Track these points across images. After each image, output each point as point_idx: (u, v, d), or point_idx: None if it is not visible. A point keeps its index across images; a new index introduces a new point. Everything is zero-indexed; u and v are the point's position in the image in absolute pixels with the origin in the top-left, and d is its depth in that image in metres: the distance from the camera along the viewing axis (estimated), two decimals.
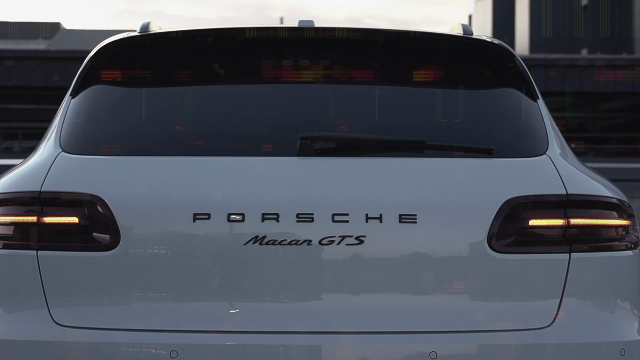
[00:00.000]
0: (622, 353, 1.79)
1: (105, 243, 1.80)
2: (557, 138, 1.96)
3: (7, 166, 4.67)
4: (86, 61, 2.08)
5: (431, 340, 1.74)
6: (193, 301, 1.77)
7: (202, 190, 1.79)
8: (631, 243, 1.88)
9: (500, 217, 1.78)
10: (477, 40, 2.07)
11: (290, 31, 2.00)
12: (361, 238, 1.77)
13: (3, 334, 1.79)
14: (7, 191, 1.84)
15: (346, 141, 1.84)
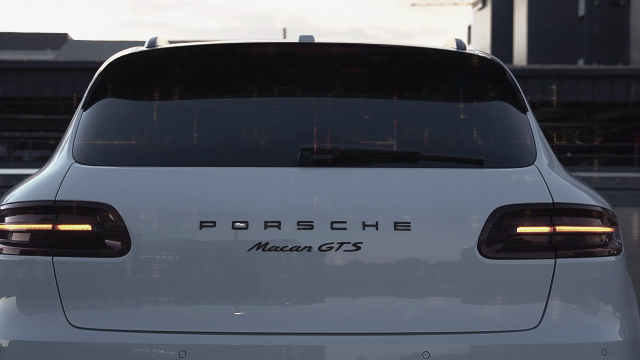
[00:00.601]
0: (604, 353, 1.88)
1: (117, 249, 1.88)
2: (545, 149, 2.03)
3: (19, 175, 4.76)
4: (97, 75, 2.16)
5: (424, 341, 1.82)
6: (200, 304, 1.85)
7: (207, 199, 1.87)
8: (614, 249, 1.96)
9: (490, 224, 1.87)
10: (470, 55, 2.14)
11: (291, 46, 2.09)
12: (358, 244, 1.85)
13: (21, 335, 1.88)
14: (23, 200, 1.92)
15: (344, 152, 1.92)
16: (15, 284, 1.92)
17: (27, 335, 1.87)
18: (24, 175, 4.52)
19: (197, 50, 2.16)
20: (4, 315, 1.91)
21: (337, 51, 2.10)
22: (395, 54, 2.13)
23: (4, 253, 1.93)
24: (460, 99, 2.07)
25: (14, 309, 1.91)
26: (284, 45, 2.10)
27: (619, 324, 1.94)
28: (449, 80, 2.12)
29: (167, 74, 2.13)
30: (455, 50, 2.17)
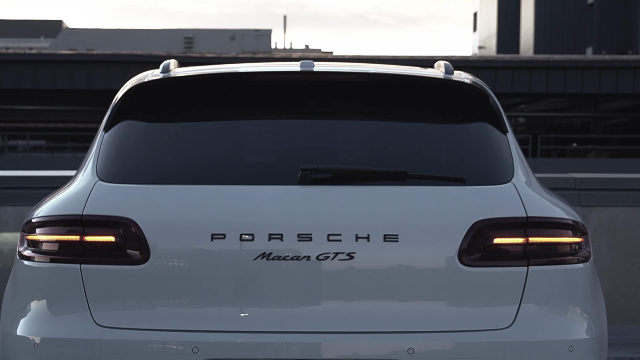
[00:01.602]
0: (571, 349, 2.12)
1: (137, 258, 2.13)
2: (522, 167, 2.25)
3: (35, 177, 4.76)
4: (117, 99, 2.38)
5: (410, 338, 2.07)
6: (210, 306, 2.10)
7: (218, 214, 2.12)
8: (583, 257, 2.19)
9: (469, 236, 2.11)
10: (456, 82, 2.34)
11: (293, 74, 2.32)
12: (352, 254, 2.10)
13: (52, 333, 2.13)
14: (52, 214, 2.17)
15: (340, 172, 2.17)
16: (45, 288, 2.17)
17: (58, 333, 2.12)
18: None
19: (207, 77, 2.39)
20: (36, 315, 2.16)
21: (334, 79, 2.33)
22: (387, 81, 2.35)
23: (35, 261, 2.18)
24: (446, 121, 2.31)
25: (45, 310, 2.16)
26: (287, 73, 2.34)
27: (586, 324, 2.17)
28: (436, 105, 2.33)
29: (180, 99, 2.37)
30: (442, 76, 2.36)
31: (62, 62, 16.46)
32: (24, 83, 16.42)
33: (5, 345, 2.21)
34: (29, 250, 2.20)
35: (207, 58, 16.95)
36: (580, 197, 4.88)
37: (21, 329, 2.17)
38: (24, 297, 2.20)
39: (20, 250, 2.23)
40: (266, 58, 17.25)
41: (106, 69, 16.41)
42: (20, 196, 4.82)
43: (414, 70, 2.43)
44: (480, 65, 16.32)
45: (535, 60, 16.62)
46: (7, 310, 2.24)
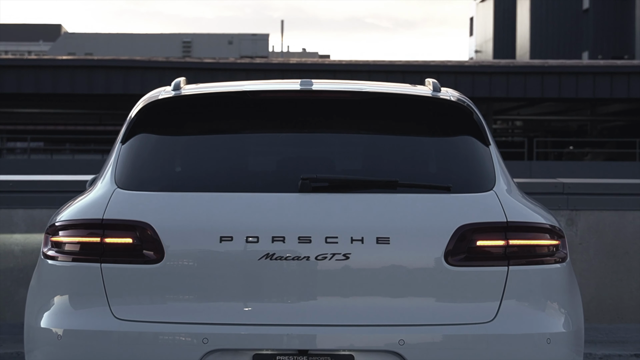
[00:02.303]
0: (549, 342, 2.30)
1: (152, 258, 2.33)
2: (503, 176, 2.46)
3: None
4: (132, 115, 2.60)
5: (400, 331, 2.26)
6: (219, 301, 2.30)
7: (226, 218, 2.32)
8: (560, 258, 2.39)
9: (454, 239, 2.31)
10: (443, 99, 2.55)
11: (293, 93, 2.53)
12: (347, 255, 2.29)
13: (74, 325, 2.33)
14: (75, 218, 2.38)
15: (337, 181, 2.37)
16: (68, 285, 2.37)
17: (79, 325, 2.33)
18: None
19: (215, 95, 2.60)
20: (59, 309, 2.36)
21: (331, 97, 2.53)
22: (379, 99, 2.56)
23: (59, 260, 2.39)
24: (433, 134, 2.53)
25: (67, 305, 2.36)
26: (288, 92, 2.54)
27: (563, 318, 2.36)
28: (424, 120, 2.55)
29: (190, 115, 2.58)
30: (430, 94, 2.57)
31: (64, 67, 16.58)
32: (26, 87, 16.54)
33: (30, 337, 2.40)
34: (52, 251, 2.40)
35: (206, 63, 17.07)
36: (569, 201, 5.06)
37: (45, 322, 2.36)
38: (47, 293, 2.40)
39: (45, 251, 2.43)
40: (264, 63, 17.38)
41: (106, 73, 16.54)
42: (30, 199, 4.97)
43: (404, 88, 2.65)
44: (476, 70, 16.49)
45: (530, 65, 16.80)
46: (32, 305, 2.43)
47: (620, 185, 5.13)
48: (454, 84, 16.47)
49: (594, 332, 5.11)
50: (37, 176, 5.29)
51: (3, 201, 4.95)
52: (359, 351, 2.24)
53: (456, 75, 16.49)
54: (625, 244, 5.12)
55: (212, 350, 2.25)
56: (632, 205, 5.07)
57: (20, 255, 4.97)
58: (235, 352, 2.25)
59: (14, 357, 4.61)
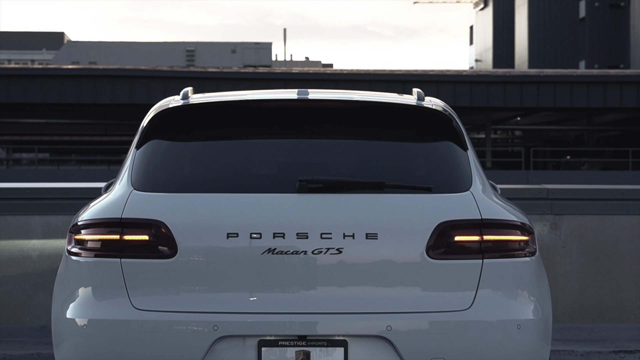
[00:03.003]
0: (519, 327, 2.56)
1: (167, 253, 2.56)
2: (479, 178, 2.71)
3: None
4: (145, 123, 2.84)
5: (387, 318, 2.52)
6: (227, 292, 2.55)
7: (232, 217, 2.56)
8: (530, 252, 2.64)
9: (435, 235, 2.56)
10: (426, 108, 2.82)
11: (291, 102, 2.79)
12: (340, 249, 2.55)
13: (97, 315, 2.57)
14: (96, 217, 2.62)
15: (330, 182, 2.62)
16: (90, 279, 2.61)
17: (102, 315, 2.56)
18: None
19: (220, 103, 2.85)
20: (83, 301, 2.60)
21: (325, 105, 2.80)
22: (369, 107, 2.83)
23: (82, 256, 2.62)
24: (417, 140, 2.80)
25: (90, 297, 2.60)
26: (286, 100, 2.81)
27: (532, 306, 2.61)
28: (409, 127, 2.82)
29: (198, 122, 2.82)
30: (415, 103, 2.84)
31: (70, 76, 16.84)
32: (32, 97, 16.79)
33: (57, 328, 2.65)
34: (76, 248, 2.63)
35: (210, 73, 17.36)
36: (552, 206, 5.36)
37: (70, 313, 2.59)
38: (71, 287, 2.63)
39: (69, 248, 2.66)
40: (267, 73, 17.68)
41: (112, 83, 16.82)
42: (47, 206, 5.25)
43: (392, 97, 2.90)
44: (474, 80, 16.77)
45: (527, 75, 17.06)
46: (58, 299, 2.68)
47: (600, 190, 5.44)
48: (452, 93, 16.76)
49: (577, 331, 5.38)
50: (52, 184, 5.54)
51: (20, 208, 5.20)
52: (352, 336, 2.51)
53: (455, 85, 16.76)
54: (605, 246, 5.41)
55: (222, 336, 2.49)
56: (611, 209, 5.36)
57: (37, 260, 5.18)
58: (243, 338, 2.50)
59: (35, 358, 4.87)
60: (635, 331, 5.34)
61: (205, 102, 2.83)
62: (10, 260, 5.22)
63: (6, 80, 16.85)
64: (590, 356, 4.96)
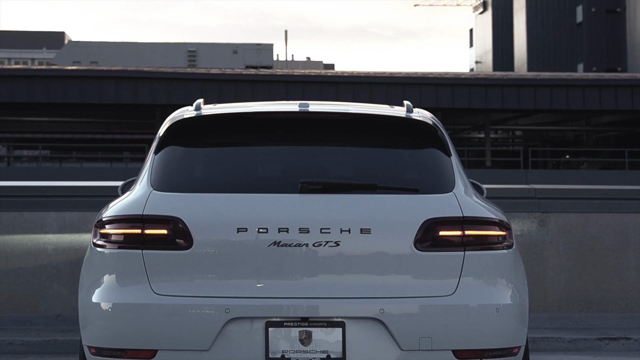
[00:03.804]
0: (497, 311, 2.86)
1: (183, 246, 2.86)
2: (462, 180, 3.03)
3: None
4: (161, 131, 3.17)
5: (380, 302, 2.82)
6: (237, 279, 2.84)
7: (242, 214, 2.87)
8: (507, 245, 2.95)
9: (422, 230, 2.87)
10: (414, 119, 3.15)
11: (293, 114, 3.11)
12: (338, 242, 2.84)
13: (121, 300, 2.86)
14: (120, 214, 2.93)
15: (329, 184, 2.93)
16: (115, 268, 2.90)
17: (125, 300, 2.85)
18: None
19: (229, 114, 3.17)
20: (108, 287, 2.89)
21: (324, 117, 3.13)
22: (363, 118, 3.16)
23: (106, 248, 2.92)
24: (406, 147, 3.13)
25: (115, 284, 2.89)
26: (289, 112, 3.15)
27: (510, 292, 2.91)
28: (398, 136, 3.15)
29: (210, 131, 3.15)
30: (404, 115, 3.17)
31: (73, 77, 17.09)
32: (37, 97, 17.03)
33: (84, 312, 2.94)
34: (101, 241, 2.92)
35: (212, 74, 17.63)
36: (540, 204, 5.67)
37: (96, 298, 2.87)
38: (97, 275, 2.91)
39: (94, 241, 2.96)
40: (269, 74, 17.95)
41: (116, 84, 17.08)
42: (62, 203, 5.54)
43: (384, 109, 3.23)
44: (472, 82, 17.05)
45: (524, 78, 17.34)
46: (84, 286, 2.97)
47: (585, 190, 5.75)
48: (451, 95, 17.04)
49: (565, 320, 5.67)
50: (68, 182, 5.84)
51: (37, 205, 5.49)
52: (349, 318, 2.79)
53: (453, 87, 17.02)
54: (590, 242, 5.71)
55: (233, 318, 2.77)
56: (595, 208, 5.67)
57: (53, 253, 5.49)
58: (252, 319, 2.79)
59: (51, 344, 5.16)
60: (619, 320, 5.64)
61: (216, 114, 3.15)
62: (27, 254, 5.52)
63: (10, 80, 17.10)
64: (577, 343, 5.25)
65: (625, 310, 5.77)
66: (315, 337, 2.80)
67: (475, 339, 2.82)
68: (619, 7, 29.04)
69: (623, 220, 5.70)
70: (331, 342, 2.79)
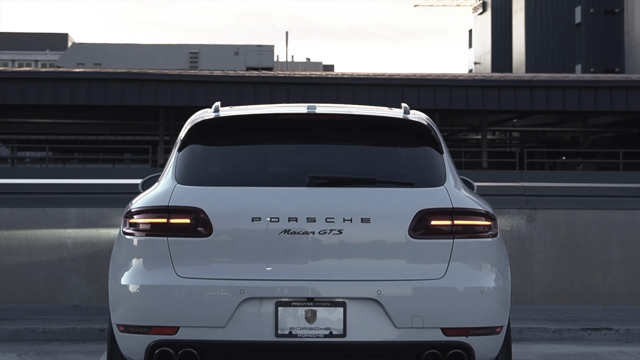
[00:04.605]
0: (482, 293, 3.19)
1: (204, 233, 3.19)
2: (452, 176, 3.35)
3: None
4: (184, 131, 3.50)
5: (378, 285, 3.15)
6: (251, 263, 3.17)
7: (255, 205, 3.20)
8: (492, 234, 3.27)
9: (415, 220, 3.19)
10: (410, 120, 3.50)
11: (302, 115, 3.46)
12: (341, 231, 3.17)
13: (148, 282, 3.19)
14: (148, 205, 3.27)
15: (334, 178, 3.26)
16: (142, 253, 3.23)
17: (152, 282, 3.19)
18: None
19: (245, 116, 3.51)
20: (136, 271, 3.23)
21: (329, 118, 3.49)
22: (364, 119, 3.53)
23: (135, 235, 3.26)
24: (402, 145, 3.47)
25: (142, 267, 3.22)
26: (298, 114, 3.51)
27: (494, 276, 3.24)
28: (396, 135, 3.51)
29: (227, 131, 3.50)
30: (401, 116, 3.53)
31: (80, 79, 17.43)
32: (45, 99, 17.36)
33: (114, 293, 3.29)
34: (130, 229, 3.25)
35: (215, 76, 17.99)
36: (529, 201, 6.03)
37: (125, 280, 3.19)
38: (126, 260, 3.23)
39: (124, 230, 3.28)
40: (271, 76, 18.30)
41: (122, 85, 17.43)
42: (82, 200, 5.90)
43: (383, 111, 3.58)
44: (469, 84, 17.38)
45: (520, 79, 17.67)
46: (115, 271, 3.32)
47: (571, 188, 6.12)
48: (449, 96, 17.38)
49: (551, 312, 6.04)
50: (87, 180, 6.21)
51: (58, 201, 5.85)
52: (349, 299, 3.12)
53: (451, 89, 17.34)
54: (575, 237, 6.07)
55: (247, 298, 3.10)
56: (580, 205, 6.04)
57: (72, 247, 5.86)
58: (263, 299, 3.11)
59: (70, 332, 5.52)
60: (602, 312, 6.00)
61: (233, 115, 3.50)
62: (48, 247, 5.89)
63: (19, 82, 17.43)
64: (561, 333, 5.61)
65: (608, 302, 6.13)
66: (319, 316, 3.12)
67: (461, 318, 3.13)
68: (617, 8, 29.35)
69: (607, 216, 6.07)
70: (333, 320, 3.11)
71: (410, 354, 3.14)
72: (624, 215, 6.09)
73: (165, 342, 3.12)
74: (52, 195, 5.94)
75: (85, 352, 5.24)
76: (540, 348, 5.40)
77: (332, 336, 3.12)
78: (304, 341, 3.11)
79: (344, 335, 3.12)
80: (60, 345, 5.41)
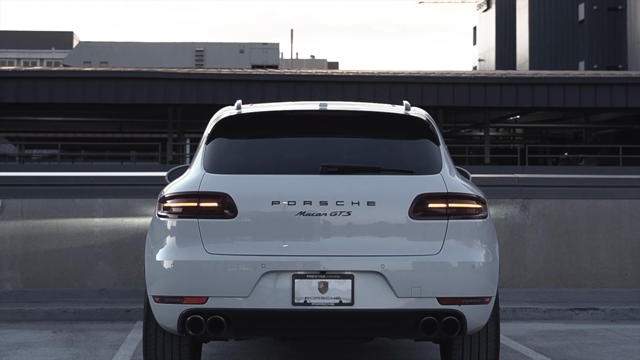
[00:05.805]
0: (473, 267, 3.62)
1: (230, 215, 3.63)
2: (448, 165, 3.79)
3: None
4: (210, 126, 3.95)
5: (381, 260, 3.58)
6: (271, 241, 3.61)
7: (275, 190, 3.65)
8: (482, 216, 3.71)
9: (415, 203, 3.63)
10: (410, 115, 3.95)
11: (316, 111, 3.90)
12: (349, 212, 3.60)
13: (180, 257, 3.61)
14: (179, 191, 3.71)
15: (343, 167, 3.71)
16: (175, 233, 3.66)
17: (184, 257, 3.62)
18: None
19: (265, 112, 3.97)
20: (170, 248, 3.65)
21: (339, 114, 3.96)
22: (370, 115, 4.01)
23: (169, 218, 3.70)
24: (403, 138, 3.93)
25: (175, 245, 3.65)
26: (311, 110, 3.95)
27: (483, 252, 3.67)
28: (398, 129, 3.97)
29: (249, 126, 3.95)
30: (403, 112, 3.97)
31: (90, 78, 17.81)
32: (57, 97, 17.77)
33: (150, 268, 3.72)
34: (164, 212, 3.68)
35: (223, 74, 18.40)
36: (522, 191, 6.48)
37: (159, 257, 3.62)
38: (160, 239, 3.66)
39: (159, 213, 3.71)
40: (277, 74, 18.70)
41: (132, 84, 17.85)
42: (108, 191, 6.36)
43: (387, 108, 4.06)
44: (472, 81, 17.76)
45: (522, 77, 18.03)
46: (150, 248, 3.76)
47: (561, 179, 6.57)
48: (452, 93, 17.76)
49: (543, 294, 6.49)
50: (113, 173, 6.67)
51: (86, 192, 6.33)
52: (357, 272, 3.54)
53: (454, 86, 17.72)
54: (565, 225, 6.52)
55: (267, 271, 3.53)
56: (570, 194, 6.49)
57: (99, 235, 6.33)
58: (281, 272, 3.54)
59: (98, 312, 6.00)
60: (590, 294, 6.46)
61: (254, 112, 3.97)
62: (77, 235, 6.36)
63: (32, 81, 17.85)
64: (551, 312, 6.07)
65: (596, 285, 6.58)
66: (330, 287, 3.55)
67: (455, 289, 3.55)
68: (621, 5, 29.61)
69: (595, 205, 6.51)
70: (343, 291, 3.54)
71: (409, 320, 3.54)
72: (611, 204, 6.53)
73: (196, 311, 3.53)
74: (81, 187, 6.41)
75: (114, 329, 5.72)
76: (531, 326, 5.85)
77: (341, 304, 3.53)
78: (317, 309, 3.53)
79: (352, 304, 3.53)
80: (90, 324, 5.89)
